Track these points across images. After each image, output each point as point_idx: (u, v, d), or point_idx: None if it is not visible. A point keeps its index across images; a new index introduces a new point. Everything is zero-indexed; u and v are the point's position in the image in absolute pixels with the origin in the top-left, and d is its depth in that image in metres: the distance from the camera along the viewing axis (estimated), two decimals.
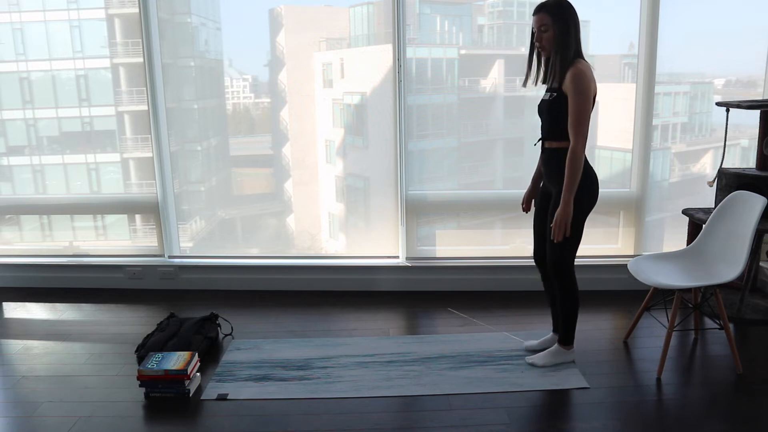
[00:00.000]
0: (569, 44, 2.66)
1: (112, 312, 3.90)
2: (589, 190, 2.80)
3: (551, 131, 2.80)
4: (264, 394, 2.82)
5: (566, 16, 2.66)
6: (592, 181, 2.81)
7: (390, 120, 3.99)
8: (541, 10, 2.69)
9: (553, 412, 2.67)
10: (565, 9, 2.67)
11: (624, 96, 3.99)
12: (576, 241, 2.84)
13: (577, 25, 2.69)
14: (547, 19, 2.67)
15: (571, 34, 2.66)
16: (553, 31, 2.67)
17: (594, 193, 2.82)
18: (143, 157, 4.20)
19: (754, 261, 3.60)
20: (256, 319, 3.73)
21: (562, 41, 2.67)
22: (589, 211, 2.83)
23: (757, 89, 3.99)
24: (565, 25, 2.66)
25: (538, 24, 2.70)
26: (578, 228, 2.82)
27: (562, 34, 2.66)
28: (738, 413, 2.61)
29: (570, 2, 2.69)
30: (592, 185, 2.81)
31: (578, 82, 2.62)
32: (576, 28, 2.69)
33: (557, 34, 2.67)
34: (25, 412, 2.71)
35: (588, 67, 2.70)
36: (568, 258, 2.86)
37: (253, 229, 4.43)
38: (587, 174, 2.78)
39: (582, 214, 2.80)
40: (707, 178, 3.98)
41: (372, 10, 3.97)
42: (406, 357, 3.15)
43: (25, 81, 4.17)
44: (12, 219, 4.42)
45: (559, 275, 2.89)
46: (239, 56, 4.17)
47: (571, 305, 2.93)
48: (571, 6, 2.69)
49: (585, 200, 2.79)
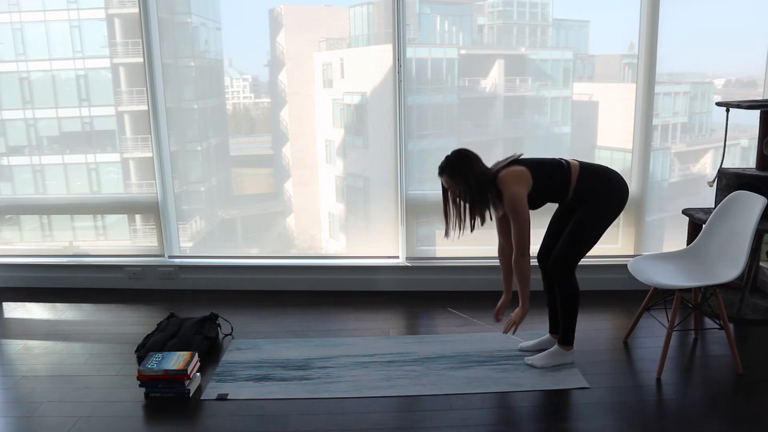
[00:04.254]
0: (481, 187, 2.79)
1: (112, 312, 3.90)
2: (614, 200, 2.87)
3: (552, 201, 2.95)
4: (264, 394, 2.82)
5: (464, 171, 2.79)
6: (616, 190, 2.87)
7: (390, 120, 3.99)
8: (442, 173, 2.83)
9: (553, 412, 2.67)
10: (460, 164, 2.80)
11: (624, 96, 3.99)
12: (590, 247, 2.90)
13: (475, 165, 2.80)
14: (450, 181, 2.82)
15: (477, 178, 2.78)
16: (462, 186, 2.80)
17: (620, 203, 2.89)
18: (143, 157, 4.20)
19: (754, 261, 3.60)
20: (256, 319, 3.73)
21: (474, 188, 2.79)
22: (612, 220, 2.89)
23: (757, 89, 3.99)
24: (468, 177, 2.78)
25: (447, 184, 2.85)
26: (598, 235, 2.89)
27: (469, 184, 2.79)
28: (738, 413, 2.61)
29: (460, 151, 2.83)
30: (616, 193, 2.87)
31: (512, 202, 2.77)
32: (478, 169, 2.80)
33: (467, 187, 2.80)
34: (25, 412, 2.71)
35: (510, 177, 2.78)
36: (574, 261, 2.90)
37: (253, 229, 4.43)
38: (612, 185, 2.87)
39: (605, 223, 2.87)
40: (707, 178, 3.98)
41: (372, 10, 3.97)
42: (406, 357, 3.15)
43: (25, 81, 4.17)
44: (12, 219, 4.42)
45: (561, 275, 2.91)
46: (239, 56, 4.17)
47: (571, 305, 2.94)
48: (463, 155, 2.82)
49: (610, 210, 2.87)
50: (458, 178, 2.79)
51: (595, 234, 2.88)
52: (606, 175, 2.90)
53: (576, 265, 2.91)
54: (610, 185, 2.88)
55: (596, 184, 2.86)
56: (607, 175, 2.90)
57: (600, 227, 2.88)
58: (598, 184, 2.86)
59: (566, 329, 3.00)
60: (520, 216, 2.77)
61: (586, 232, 2.87)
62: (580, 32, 4.04)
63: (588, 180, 2.85)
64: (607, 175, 2.90)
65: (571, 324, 2.99)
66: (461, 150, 2.84)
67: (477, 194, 2.79)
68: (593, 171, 2.90)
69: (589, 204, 2.85)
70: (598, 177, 2.88)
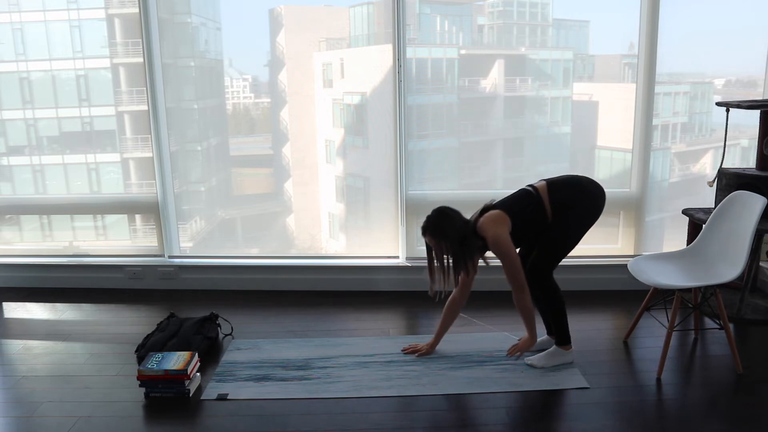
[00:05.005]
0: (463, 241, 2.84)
1: (112, 312, 3.90)
2: (591, 207, 2.91)
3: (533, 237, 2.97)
4: (264, 394, 2.82)
5: (445, 228, 2.84)
6: (595, 197, 2.91)
7: (390, 120, 3.99)
8: (425, 234, 2.89)
9: (553, 412, 2.67)
10: (440, 223, 2.86)
11: (624, 96, 3.99)
12: (567, 252, 2.94)
13: (455, 220, 2.86)
14: (433, 239, 2.88)
15: (458, 233, 2.84)
16: (444, 243, 2.85)
17: (594, 207, 2.92)
18: (143, 157, 4.20)
19: (754, 261, 3.60)
20: (256, 319, 3.73)
21: (457, 243, 2.84)
22: (588, 225, 2.93)
23: (757, 89, 3.99)
24: (450, 233, 2.84)
25: (430, 243, 2.90)
26: (575, 242, 2.93)
27: (452, 241, 2.84)
28: (738, 413, 2.61)
29: (440, 210, 2.89)
30: (596, 201, 2.91)
31: (498, 245, 2.81)
32: (458, 223, 2.86)
33: (449, 244, 2.85)
34: (25, 412, 2.71)
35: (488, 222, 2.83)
36: (551, 267, 2.95)
37: (253, 229, 4.43)
38: (591, 193, 2.90)
39: (582, 229, 2.92)
40: (707, 178, 3.98)
41: (372, 10, 3.97)
42: (406, 357, 3.15)
43: (25, 81, 4.17)
44: (12, 219, 4.42)
45: (539, 279, 2.95)
46: (239, 56, 4.17)
47: (557, 306, 2.99)
48: (442, 213, 2.87)
49: (584, 216, 2.91)
50: (440, 236, 2.85)
51: (571, 241, 2.92)
52: (575, 182, 2.93)
53: (552, 270, 2.96)
54: (581, 192, 2.90)
55: (567, 194, 2.89)
56: (576, 182, 2.93)
57: (576, 233, 2.92)
58: (570, 193, 2.89)
59: (559, 330, 3.02)
60: (508, 254, 2.82)
61: (561, 240, 2.91)
62: (580, 32, 4.04)
63: (558, 193, 2.88)
64: (576, 182, 2.93)
65: (562, 324, 3.00)
66: (441, 208, 2.91)
67: (460, 249, 2.85)
68: (561, 183, 2.93)
69: (565, 213, 2.88)
70: (567, 187, 2.91)
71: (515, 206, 2.90)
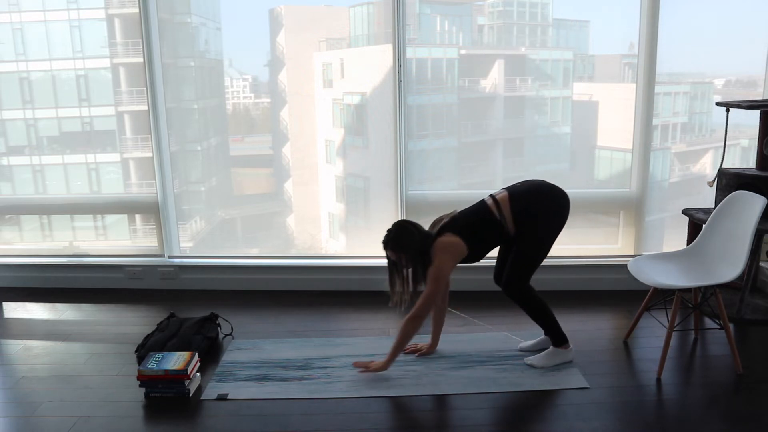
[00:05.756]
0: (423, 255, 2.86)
1: (112, 312, 3.90)
2: (557, 214, 2.89)
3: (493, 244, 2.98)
4: (264, 394, 2.82)
5: (404, 243, 2.87)
6: (561, 205, 2.89)
7: (390, 120, 3.99)
8: (386, 247, 2.92)
9: (553, 412, 2.67)
10: (400, 237, 2.88)
11: (624, 96, 3.99)
12: (539, 263, 2.93)
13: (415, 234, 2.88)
14: (394, 254, 2.91)
15: (418, 247, 2.86)
16: (405, 256, 2.88)
17: (563, 217, 2.90)
18: (143, 157, 4.20)
19: (754, 261, 3.60)
20: (256, 319, 3.73)
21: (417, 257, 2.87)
22: (556, 233, 2.91)
23: (757, 89, 3.99)
24: (409, 249, 2.87)
25: (391, 256, 2.92)
26: (545, 251, 2.92)
27: (412, 255, 2.87)
28: (738, 413, 2.61)
29: (400, 223, 2.94)
30: (561, 209, 2.89)
31: (435, 272, 2.84)
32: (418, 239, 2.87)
33: (409, 257, 2.88)
34: (25, 412, 2.71)
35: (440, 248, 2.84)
36: (525, 278, 2.94)
37: (253, 229, 4.43)
38: (557, 199, 2.88)
39: (552, 237, 2.90)
40: (707, 178, 3.98)
41: (372, 10, 3.97)
42: (406, 357, 3.15)
43: (25, 81, 4.17)
44: (12, 219, 4.42)
45: (513, 293, 2.95)
46: (239, 56, 4.18)
47: (541, 312, 2.98)
48: (402, 227, 2.91)
49: (553, 225, 2.89)
50: (399, 250, 2.87)
51: (543, 251, 2.91)
52: (536, 190, 2.90)
53: (528, 279, 2.95)
54: (544, 199, 2.88)
55: (530, 203, 2.87)
56: (537, 190, 2.90)
57: (547, 243, 2.90)
58: (532, 202, 2.87)
59: (552, 332, 3.02)
60: (436, 285, 2.84)
61: (533, 252, 2.90)
62: (580, 32, 4.04)
63: (520, 203, 2.86)
64: (537, 190, 2.90)
65: (552, 327, 3.01)
66: (401, 222, 2.94)
67: (419, 262, 2.86)
68: (524, 193, 2.90)
69: (531, 225, 2.87)
70: (529, 196, 2.88)
71: (476, 228, 2.89)
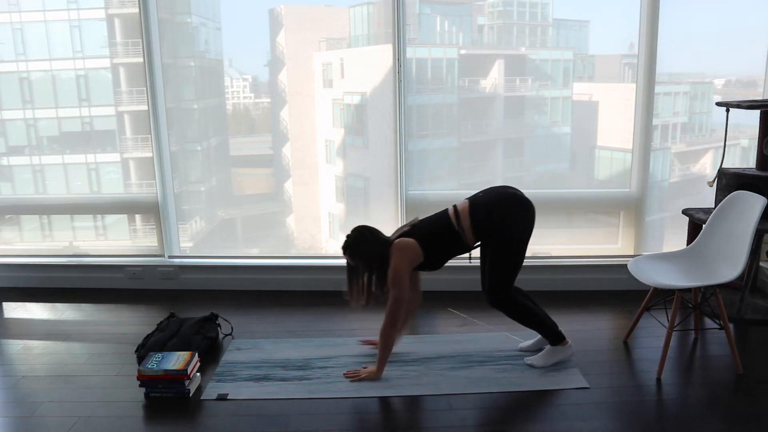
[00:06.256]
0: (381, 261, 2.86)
1: (112, 312, 3.90)
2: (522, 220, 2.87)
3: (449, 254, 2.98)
4: (264, 394, 2.82)
5: (362, 250, 2.89)
6: (525, 209, 2.87)
7: (390, 120, 3.99)
8: (345, 253, 2.93)
9: (553, 412, 2.67)
10: (358, 244, 2.90)
11: (624, 96, 3.99)
12: (516, 270, 2.91)
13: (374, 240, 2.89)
14: (351, 259, 2.92)
15: (376, 254, 2.87)
16: (362, 262, 2.89)
17: (529, 221, 2.88)
18: (143, 157, 4.20)
19: (754, 261, 3.60)
20: (256, 319, 3.73)
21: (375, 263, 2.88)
22: (527, 237, 2.89)
23: (757, 89, 4.00)
24: (367, 255, 2.88)
25: (350, 261, 2.93)
26: (519, 258, 2.90)
27: (369, 261, 2.88)
28: (738, 413, 2.61)
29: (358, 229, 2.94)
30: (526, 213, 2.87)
31: (393, 275, 2.83)
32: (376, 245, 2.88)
33: (366, 263, 2.89)
34: (25, 412, 2.71)
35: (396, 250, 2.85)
36: (505, 286, 2.92)
37: (253, 229, 4.42)
38: (519, 206, 2.86)
39: (519, 246, 2.88)
40: (707, 178, 3.98)
41: (372, 10, 3.97)
42: (406, 357, 3.15)
43: (25, 81, 4.17)
44: (12, 219, 4.42)
45: (496, 304, 2.95)
46: (239, 56, 4.18)
47: (528, 316, 2.98)
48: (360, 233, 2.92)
49: (518, 232, 2.87)
50: (357, 256, 2.88)
51: (512, 258, 2.89)
52: (499, 200, 2.88)
53: (509, 287, 2.93)
54: (506, 210, 2.86)
55: (492, 215, 2.86)
56: (500, 200, 2.88)
57: (514, 250, 2.88)
58: (495, 213, 2.86)
59: (546, 333, 3.02)
60: (398, 289, 2.83)
61: (503, 259, 2.89)
62: (580, 32, 4.04)
63: (481, 215, 2.85)
64: (500, 200, 2.88)
65: (544, 328, 3.00)
66: (360, 228, 2.93)
67: (377, 268, 2.86)
68: (485, 203, 2.89)
69: (495, 234, 2.87)
70: (491, 207, 2.87)
71: (433, 235, 2.90)
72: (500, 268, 2.90)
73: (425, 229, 2.93)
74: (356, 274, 2.90)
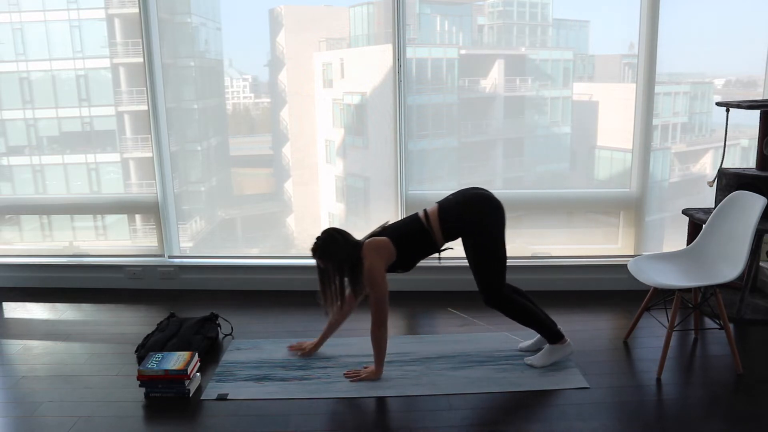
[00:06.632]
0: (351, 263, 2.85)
1: (112, 312, 3.90)
2: (494, 217, 2.88)
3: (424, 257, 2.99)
4: (264, 394, 2.82)
5: (332, 252, 2.86)
6: (495, 207, 2.88)
7: (390, 120, 3.99)
8: (314, 255, 2.91)
9: (553, 412, 2.67)
10: (327, 246, 2.87)
11: (624, 96, 3.99)
12: (502, 267, 2.91)
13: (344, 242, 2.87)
14: (321, 261, 2.89)
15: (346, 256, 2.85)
16: (332, 264, 2.86)
17: (499, 216, 2.89)
18: (143, 157, 4.20)
19: (754, 261, 3.61)
20: (256, 319, 3.73)
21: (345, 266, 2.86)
22: (501, 234, 2.90)
23: (757, 89, 4.00)
24: (336, 258, 2.85)
25: (320, 263, 2.90)
26: (500, 252, 2.90)
27: (339, 264, 2.86)
28: (738, 413, 2.61)
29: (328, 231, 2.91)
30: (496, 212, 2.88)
31: (369, 276, 2.83)
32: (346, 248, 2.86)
33: (336, 265, 2.86)
34: (25, 412, 2.71)
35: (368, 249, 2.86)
36: (496, 284, 2.92)
37: (253, 229, 4.42)
38: (491, 203, 2.88)
39: (495, 242, 2.89)
40: (707, 178, 3.98)
41: (372, 10, 3.97)
42: (406, 357, 3.15)
43: (25, 81, 4.17)
44: (12, 219, 4.42)
45: (492, 303, 2.95)
46: (239, 56, 4.17)
47: (525, 314, 2.98)
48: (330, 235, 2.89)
49: (493, 228, 2.88)
50: (327, 258, 2.86)
51: (491, 256, 2.89)
52: (467, 201, 2.90)
53: (501, 286, 2.93)
54: (474, 209, 2.88)
55: (461, 215, 2.87)
56: (467, 201, 2.90)
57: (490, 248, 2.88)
58: (463, 213, 2.87)
59: (544, 332, 3.02)
60: (377, 287, 2.83)
61: (483, 258, 2.90)
62: (580, 32, 4.04)
63: (450, 216, 2.87)
64: (467, 201, 2.90)
65: (542, 327, 3.00)
66: (330, 231, 2.91)
67: (348, 271, 2.86)
68: (453, 205, 2.91)
69: (471, 237, 2.88)
70: (459, 207, 2.89)
71: (403, 234, 2.91)
72: (482, 269, 2.91)
73: (397, 230, 2.94)
74: (328, 276, 2.89)
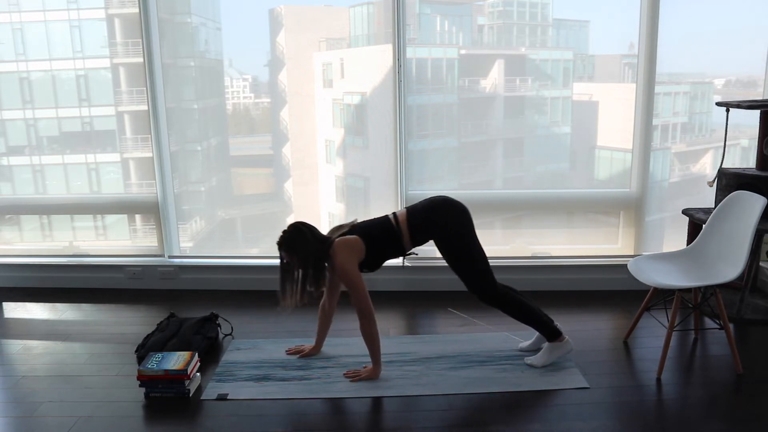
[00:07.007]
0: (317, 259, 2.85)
1: (112, 312, 3.90)
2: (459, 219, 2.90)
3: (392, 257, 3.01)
4: (264, 394, 2.82)
5: (297, 246, 2.85)
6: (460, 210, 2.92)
7: (390, 120, 3.99)
8: (280, 249, 2.89)
9: (553, 412, 2.67)
10: (294, 240, 2.86)
11: (624, 96, 3.99)
12: (482, 263, 2.93)
13: (310, 237, 2.87)
14: (287, 255, 2.88)
15: (311, 251, 2.84)
16: (297, 258, 2.85)
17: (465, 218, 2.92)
18: (143, 157, 4.20)
19: (754, 261, 3.61)
20: (256, 319, 3.73)
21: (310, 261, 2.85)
22: (471, 231, 2.93)
23: (757, 89, 4.00)
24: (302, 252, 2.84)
25: (285, 257, 2.89)
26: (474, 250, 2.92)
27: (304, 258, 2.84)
28: (738, 413, 2.61)
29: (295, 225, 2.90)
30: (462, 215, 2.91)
31: (344, 274, 2.83)
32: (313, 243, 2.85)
33: (301, 260, 2.85)
34: (25, 412, 2.71)
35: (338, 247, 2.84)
36: (484, 281, 2.94)
37: (253, 229, 4.42)
38: (455, 207, 2.92)
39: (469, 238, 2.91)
40: (707, 178, 3.98)
41: (372, 10, 3.97)
42: (406, 357, 3.15)
43: (25, 81, 4.17)
44: (12, 219, 4.42)
45: (486, 300, 2.97)
46: (239, 56, 4.17)
47: (522, 311, 2.98)
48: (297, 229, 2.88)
49: (460, 228, 2.90)
50: (293, 252, 2.85)
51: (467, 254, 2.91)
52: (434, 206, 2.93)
53: (493, 281, 2.94)
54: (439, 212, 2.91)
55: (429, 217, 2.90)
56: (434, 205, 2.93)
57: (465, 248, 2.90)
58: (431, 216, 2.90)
59: (542, 329, 3.02)
60: (353, 283, 2.83)
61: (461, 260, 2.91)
62: (580, 32, 4.04)
63: (417, 219, 2.90)
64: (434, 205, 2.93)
65: (539, 323, 3.01)
66: (296, 224, 2.91)
67: (312, 266, 2.84)
68: (420, 209, 2.94)
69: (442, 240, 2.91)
70: (425, 211, 2.92)
71: (374, 235, 2.92)
72: (461, 268, 2.93)
73: (366, 229, 2.95)
74: (290, 271, 2.88)
